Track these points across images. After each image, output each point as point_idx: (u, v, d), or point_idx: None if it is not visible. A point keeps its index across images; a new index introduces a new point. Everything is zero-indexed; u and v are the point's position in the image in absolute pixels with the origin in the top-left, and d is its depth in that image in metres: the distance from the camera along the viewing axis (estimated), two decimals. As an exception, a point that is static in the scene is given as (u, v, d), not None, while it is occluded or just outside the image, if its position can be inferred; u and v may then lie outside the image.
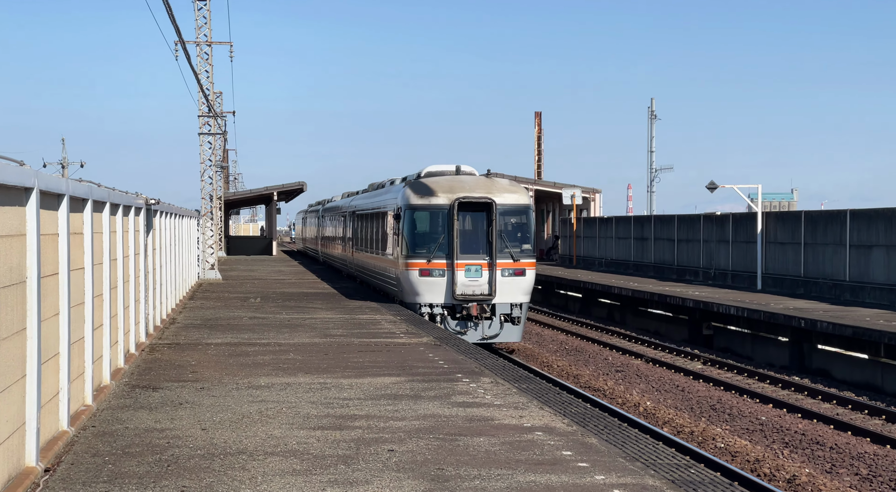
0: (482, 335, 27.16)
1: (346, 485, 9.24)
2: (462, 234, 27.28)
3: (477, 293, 27.00)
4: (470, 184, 27.93)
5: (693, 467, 10.43)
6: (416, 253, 27.50)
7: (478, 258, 27.07)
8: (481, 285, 27.03)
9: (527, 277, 27.35)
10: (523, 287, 27.35)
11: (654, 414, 20.57)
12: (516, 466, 9.98)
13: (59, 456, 10.27)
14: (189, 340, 20.39)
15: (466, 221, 27.58)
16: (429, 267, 27.25)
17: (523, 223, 27.68)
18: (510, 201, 27.39)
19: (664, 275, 44.70)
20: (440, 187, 27.72)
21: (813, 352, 26.68)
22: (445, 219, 27.23)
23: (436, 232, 27.49)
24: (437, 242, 27.28)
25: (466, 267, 27.02)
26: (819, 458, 17.18)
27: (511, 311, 27.26)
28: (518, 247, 27.33)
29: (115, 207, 15.02)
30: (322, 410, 12.81)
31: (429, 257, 27.25)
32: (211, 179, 45.12)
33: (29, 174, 9.31)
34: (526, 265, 27.30)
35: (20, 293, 9.18)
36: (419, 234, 27.80)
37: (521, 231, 27.64)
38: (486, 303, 27.02)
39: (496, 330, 27.22)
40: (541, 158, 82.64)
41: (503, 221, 27.28)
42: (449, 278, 27.07)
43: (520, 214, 27.65)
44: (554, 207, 65.33)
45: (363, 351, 18.75)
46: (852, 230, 31.30)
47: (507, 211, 27.35)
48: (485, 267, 27.02)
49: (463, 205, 27.18)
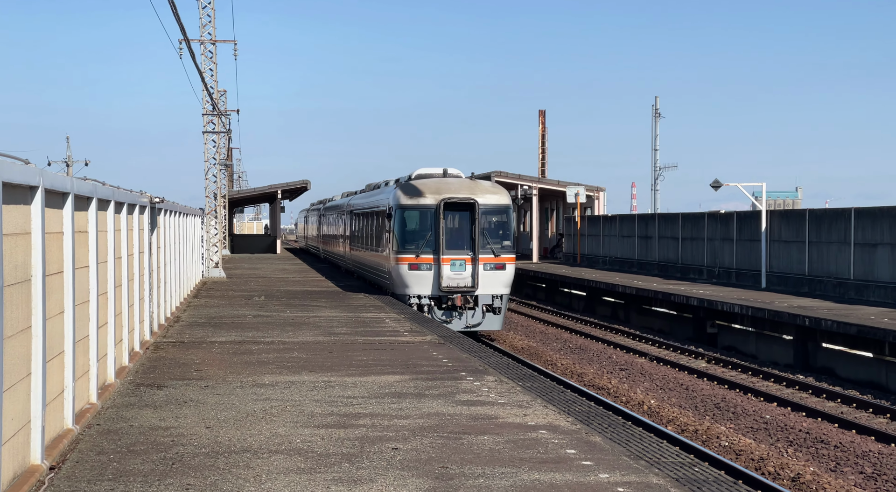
0: (466, 324, 29.27)
1: (351, 483, 9.24)
2: (448, 231, 29.57)
3: (461, 286, 29.29)
4: (455, 186, 30.16)
5: (697, 465, 10.43)
6: (406, 249, 29.77)
7: (462, 254, 29.39)
8: (465, 278, 29.34)
9: (507, 271, 29.60)
10: (504, 280, 29.60)
11: (659, 412, 20.56)
12: (520, 464, 9.98)
13: (63, 454, 10.29)
14: (193, 338, 20.40)
15: (452, 219, 29.83)
16: (417, 262, 29.49)
17: (504, 222, 29.99)
18: (492, 202, 29.68)
19: (668, 273, 44.67)
20: (428, 189, 30.00)
21: (817, 350, 26.66)
22: (432, 218, 29.51)
23: (424, 230, 29.75)
24: (425, 238, 29.54)
25: (452, 262, 29.31)
26: (823, 456, 17.17)
27: (492, 301, 29.44)
28: (499, 243, 29.60)
29: (120, 206, 15.04)
30: (326, 408, 12.82)
31: (417, 253, 29.53)
32: (215, 178, 45.15)
33: (34, 173, 9.32)
34: (506, 260, 29.58)
35: (25, 292, 9.20)
36: (409, 231, 30.08)
37: (502, 229, 29.94)
38: (469, 294, 29.22)
39: (479, 319, 29.39)
40: (545, 156, 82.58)
41: (485, 219, 29.49)
42: (436, 272, 29.28)
43: (500, 214, 29.90)
44: (558, 206, 65.29)
45: (367, 349, 18.75)
46: (857, 228, 31.26)
47: (488, 210, 29.57)
48: (468, 262, 29.31)
49: (448, 205, 29.46)
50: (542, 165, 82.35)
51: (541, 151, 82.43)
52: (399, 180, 33.65)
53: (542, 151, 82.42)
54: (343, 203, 48.59)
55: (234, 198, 78.44)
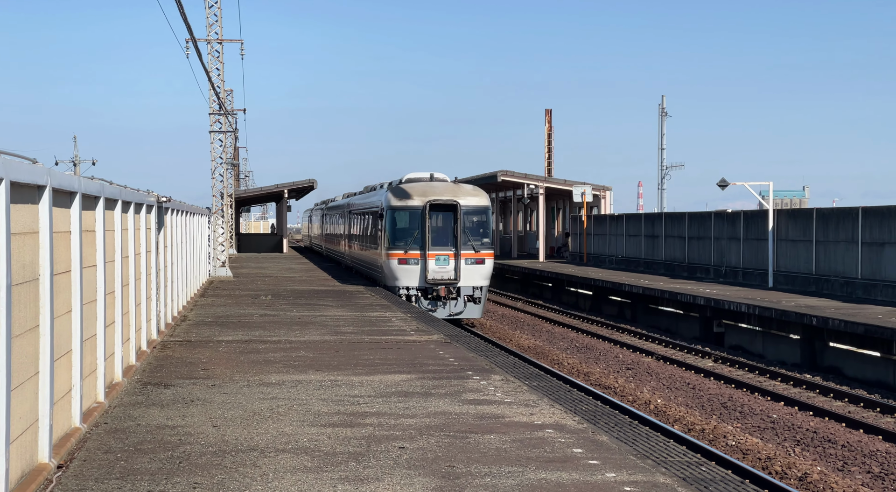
0: (450, 312, 32.59)
1: (357, 482, 9.25)
2: (433, 229, 32.76)
3: (445, 278, 32.57)
4: (440, 189, 33.47)
5: (704, 464, 10.42)
6: (396, 245, 33.12)
7: (446, 250, 32.64)
8: (448, 272, 32.61)
9: (486, 265, 32.95)
10: (483, 273, 32.93)
11: (665, 412, 20.55)
12: (527, 463, 9.98)
13: (71, 453, 10.31)
14: (200, 337, 20.43)
15: (437, 219, 33.02)
16: (406, 257, 32.84)
17: (483, 221, 33.18)
18: (472, 203, 33.00)
19: (675, 272, 44.63)
20: (415, 191, 33.35)
21: (825, 350, 26.62)
22: (419, 217, 32.83)
23: (412, 228, 33.04)
24: (413, 236, 32.88)
25: (436, 257, 32.61)
26: (831, 456, 17.14)
27: (473, 292, 32.80)
28: (479, 240, 32.87)
29: (127, 205, 15.06)
30: (333, 407, 12.83)
31: (406, 249, 32.86)
32: (222, 177, 45.18)
33: (41, 172, 9.34)
34: (485, 255, 32.94)
35: (33, 291, 9.22)
36: (398, 229, 33.33)
37: (482, 227, 33.15)
38: (452, 286, 32.60)
39: (461, 308, 32.77)
40: (551, 155, 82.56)
41: (467, 219, 32.78)
42: (422, 266, 32.61)
43: (480, 214, 33.13)
44: (564, 205, 65.25)
45: (374, 348, 18.77)
46: (864, 227, 31.20)
47: (469, 211, 32.87)
48: (451, 257, 32.61)
49: (434, 206, 32.77)
50: (549, 164, 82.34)
51: (547, 151, 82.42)
52: (391, 183, 36.68)
53: (548, 150, 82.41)
54: (343, 204, 51.66)
55: (241, 197, 78.49)
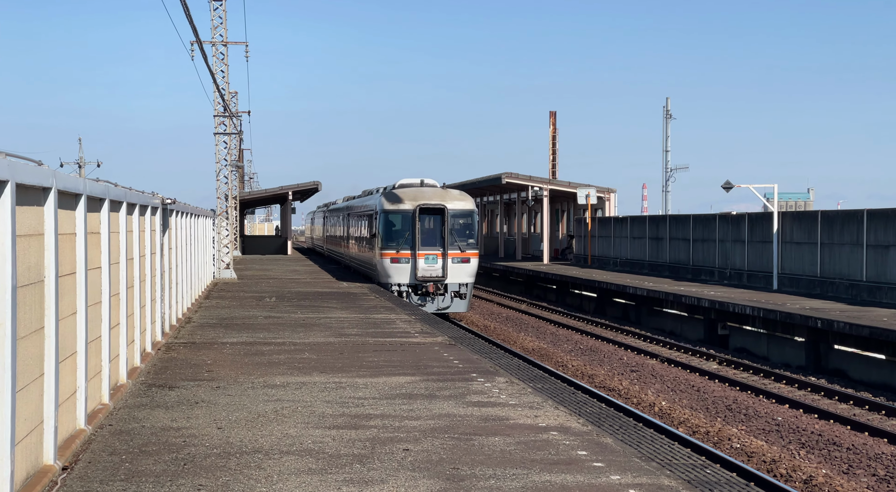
0: (437, 307, 35.40)
1: (362, 484, 9.25)
2: (422, 231, 35.70)
3: (433, 275, 35.51)
4: (429, 194, 36.48)
5: (709, 467, 10.41)
6: (388, 246, 36.09)
7: (434, 249, 35.55)
8: (437, 270, 35.53)
9: (471, 264, 35.93)
10: (468, 271, 35.93)
11: (670, 414, 20.52)
12: (531, 465, 9.98)
13: (76, 454, 10.32)
14: (205, 339, 20.44)
15: (426, 221, 35.98)
16: (397, 256, 35.73)
17: (469, 224, 36.19)
18: (459, 207, 35.99)
19: (679, 275, 44.59)
20: (406, 196, 36.26)
21: (829, 352, 26.58)
22: (410, 220, 35.72)
23: (403, 230, 35.90)
24: (404, 237, 35.78)
25: (425, 256, 35.48)
26: (836, 459, 17.11)
27: (459, 289, 35.76)
28: (465, 241, 35.80)
29: (132, 207, 15.07)
30: (337, 409, 12.84)
31: (397, 249, 35.81)
32: (226, 179, 45.21)
33: (47, 174, 9.35)
34: (470, 255, 35.88)
35: (38, 292, 9.23)
36: (391, 231, 36.22)
37: (468, 229, 36.12)
38: (440, 282, 35.54)
39: (448, 303, 35.66)
40: (555, 157, 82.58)
41: (454, 221, 35.75)
42: (412, 264, 35.52)
43: (466, 217, 36.11)
44: (569, 207, 65.22)
45: (378, 350, 18.77)
46: (869, 230, 31.16)
47: (456, 214, 35.85)
48: (439, 256, 35.50)
49: (423, 209, 35.76)
50: (553, 166, 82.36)
51: (551, 152, 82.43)
52: (385, 188, 39.44)
53: (552, 152, 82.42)
54: (342, 207, 55.14)
55: (246, 199, 78.51)
